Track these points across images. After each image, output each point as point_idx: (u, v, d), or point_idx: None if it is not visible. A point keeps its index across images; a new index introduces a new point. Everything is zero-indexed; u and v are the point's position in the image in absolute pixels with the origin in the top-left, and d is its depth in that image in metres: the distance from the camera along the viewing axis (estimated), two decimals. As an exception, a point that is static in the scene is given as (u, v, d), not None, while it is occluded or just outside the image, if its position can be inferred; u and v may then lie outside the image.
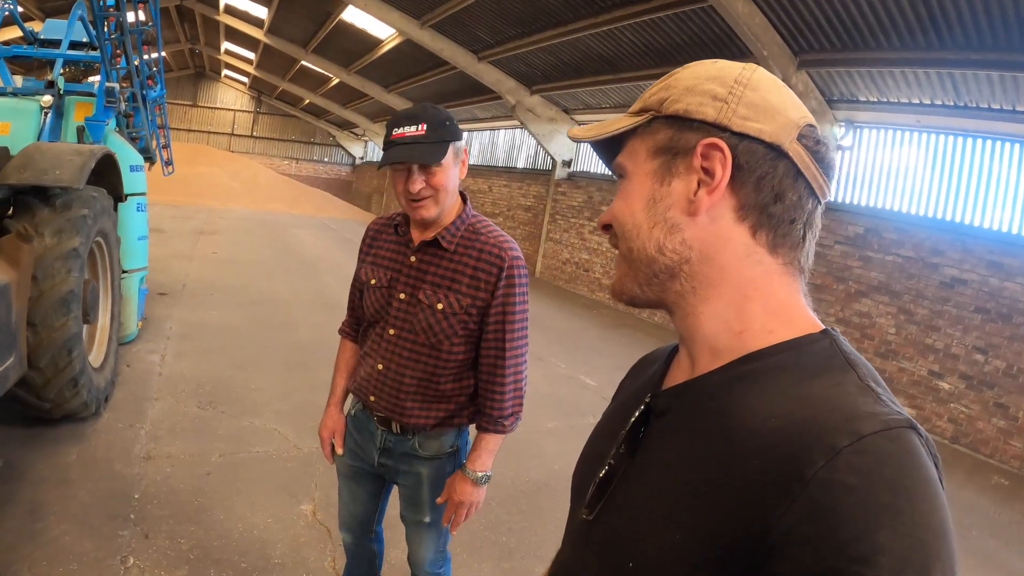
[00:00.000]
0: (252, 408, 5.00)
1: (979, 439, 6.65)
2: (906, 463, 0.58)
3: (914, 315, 7.38)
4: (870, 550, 0.53)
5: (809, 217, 0.76)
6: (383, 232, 2.11)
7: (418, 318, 1.96)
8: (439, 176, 1.84)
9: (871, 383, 0.66)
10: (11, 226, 3.68)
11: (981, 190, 7.24)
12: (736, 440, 0.66)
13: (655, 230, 0.78)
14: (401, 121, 1.83)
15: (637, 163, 0.81)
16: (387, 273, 2.03)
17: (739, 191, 0.74)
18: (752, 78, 0.76)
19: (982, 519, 5.01)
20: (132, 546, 3.08)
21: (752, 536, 0.59)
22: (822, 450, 0.58)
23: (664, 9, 8.34)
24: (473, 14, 11.73)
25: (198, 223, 16.20)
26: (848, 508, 0.55)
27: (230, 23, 21.02)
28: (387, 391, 2.02)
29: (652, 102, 0.80)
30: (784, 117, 0.74)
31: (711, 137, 0.74)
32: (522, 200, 16.56)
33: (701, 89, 0.76)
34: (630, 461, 0.80)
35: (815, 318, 0.76)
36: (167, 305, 7.67)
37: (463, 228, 1.96)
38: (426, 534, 2.21)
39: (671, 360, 0.89)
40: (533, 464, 4.70)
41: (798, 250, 0.76)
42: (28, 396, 3.74)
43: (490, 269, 1.92)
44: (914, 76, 7.07)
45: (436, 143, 1.81)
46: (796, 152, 0.74)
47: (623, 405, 0.93)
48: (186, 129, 32.54)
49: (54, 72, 6.09)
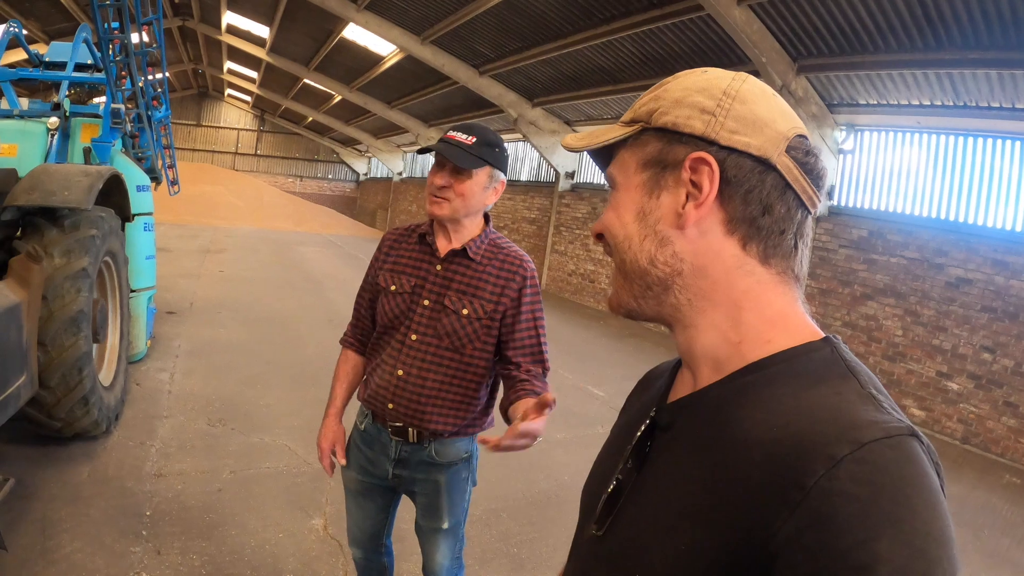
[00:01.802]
0: (262, 424, 5.02)
1: (990, 439, 6.61)
2: (907, 471, 0.58)
3: (920, 316, 7.37)
4: (870, 559, 0.53)
5: (799, 227, 0.76)
6: (402, 241, 2.20)
7: (442, 323, 2.04)
8: (465, 184, 1.98)
9: (872, 390, 0.66)
10: (20, 247, 3.71)
11: (984, 189, 7.24)
12: (739, 451, 0.66)
13: (646, 242, 0.78)
14: (459, 128, 2.01)
15: (627, 175, 0.81)
16: (410, 280, 2.10)
17: (727, 204, 0.74)
18: (741, 90, 0.76)
19: (994, 518, 4.98)
20: (144, 563, 3.10)
21: (755, 545, 0.60)
22: (822, 459, 0.58)
23: (662, 19, 8.39)
24: (473, 29, 11.82)
25: (204, 242, 16.28)
26: (848, 517, 0.55)
27: (232, 43, 21.20)
28: (408, 397, 2.06)
29: (642, 113, 0.80)
30: (772, 130, 0.74)
31: (699, 151, 0.74)
32: (526, 213, 16.60)
33: (689, 101, 0.76)
34: (637, 476, 0.80)
35: (814, 326, 0.76)
36: (175, 323, 7.71)
37: (487, 242, 2.11)
38: (443, 541, 2.23)
39: (675, 374, 0.89)
40: (542, 476, 4.70)
41: (791, 259, 0.77)
42: (39, 415, 3.76)
43: (512, 278, 2.07)
44: (913, 78, 7.10)
45: (476, 156, 1.97)
46: (784, 165, 0.74)
47: (630, 421, 0.93)
48: (190, 149, 32.80)
49: (60, 94, 6.16)
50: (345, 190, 35.82)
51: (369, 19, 12.98)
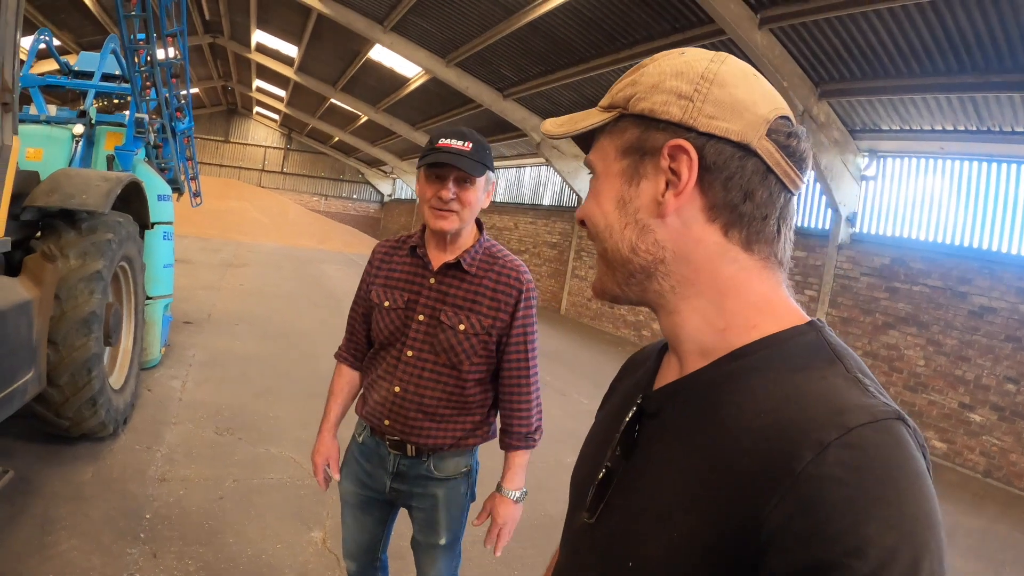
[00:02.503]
0: (270, 436, 5.01)
1: (1013, 472, 6.43)
2: (894, 455, 0.58)
3: (943, 346, 7.22)
4: (860, 542, 0.53)
5: (782, 211, 0.75)
6: (393, 254, 2.13)
7: (439, 339, 1.98)
8: (470, 193, 1.92)
9: (858, 374, 0.66)
10: (37, 246, 3.78)
11: (1008, 215, 7.13)
12: (727, 438, 0.66)
13: (627, 231, 0.77)
14: (448, 134, 1.92)
15: (607, 162, 0.80)
16: (403, 295, 2.04)
17: (707, 191, 0.73)
18: (719, 72, 0.73)
19: (1017, 554, 4.81)
20: (140, 564, 3.08)
21: (747, 532, 0.59)
22: (810, 445, 0.58)
23: (684, 44, 8.39)
24: (497, 52, 11.96)
25: (226, 255, 16.49)
26: (837, 501, 0.55)
27: (261, 61, 21.66)
28: (405, 413, 2.02)
29: (619, 99, 0.78)
30: (752, 114, 0.72)
31: (677, 138, 0.72)
32: (548, 237, 16.64)
33: (667, 87, 0.74)
34: (626, 463, 0.79)
35: (800, 310, 0.75)
36: (191, 333, 7.77)
37: (481, 252, 2.03)
38: (440, 557, 2.18)
39: (661, 358, 0.88)
40: (550, 498, 4.62)
41: (774, 244, 0.75)
42: (47, 413, 3.80)
43: (509, 291, 1.99)
44: (935, 102, 7.04)
45: (478, 162, 1.90)
46: (765, 149, 0.72)
47: (616, 406, 0.92)
48: (218, 164, 33.43)
49: (86, 102, 6.29)
50: (369, 210, 36.17)
51: (395, 40, 13.19)
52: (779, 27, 7.06)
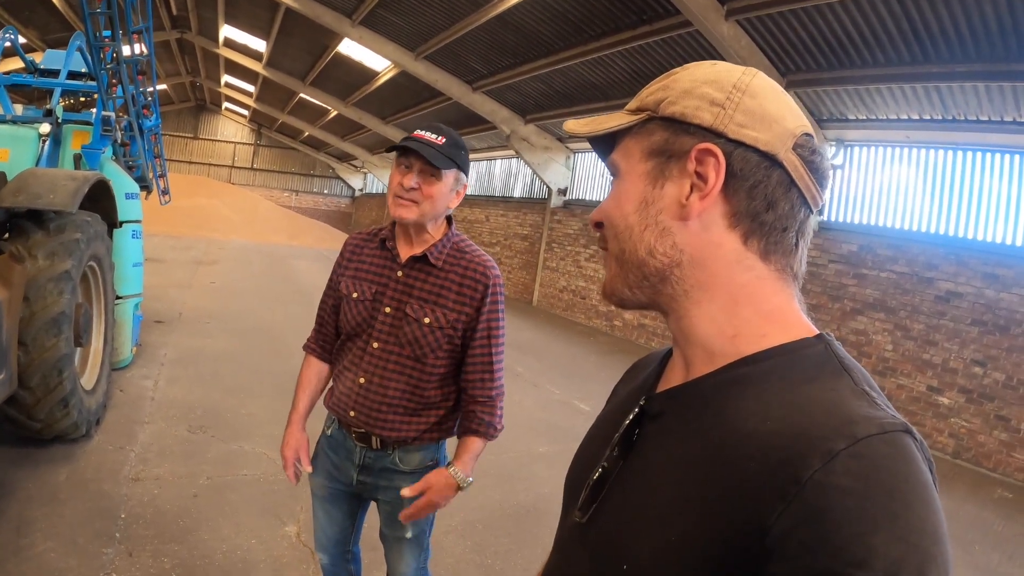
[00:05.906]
0: (243, 432, 4.97)
1: (981, 453, 6.60)
2: (901, 467, 0.58)
3: (910, 331, 7.38)
4: (865, 553, 0.53)
5: (801, 226, 0.76)
6: (364, 247, 2.14)
7: (404, 331, 1.99)
8: (434, 187, 1.93)
9: (866, 387, 0.67)
10: (4, 247, 3.72)
11: (973, 202, 7.29)
12: (732, 443, 0.66)
13: (646, 232, 0.77)
14: (425, 127, 1.96)
15: (631, 163, 0.80)
16: (371, 287, 2.05)
17: (732, 198, 0.74)
18: (751, 84, 0.75)
19: (985, 534, 4.95)
20: (116, 564, 3.06)
21: (749, 538, 0.60)
22: (818, 453, 0.58)
23: (651, 35, 8.48)
24: (466, 45, 11.92)
25: (197, 253, 16.26)
26: (844, 511, 0.55)
27: (230, 56, 21.32)
28: (369, 404, 2.02)
29: (649, 102, 0.79)
30: (780, 126, 0.73)
31: (706, 142, 0.73)
32: (519, 229, 16.64)
33: (699, 92, 0.75)
34: (624, 464, 0.80)
35: (810, 323, 0.76)
36: (163, 332, 7.67)
37: (449, 246, 2.04)
38: (407, 550, 2.19)
39: (666, 363, 0.89)
40: (522, 487, 4.66)
41: (791, 257, 0.76)
42: (19, 415, 3.75)
43: (475, 286, 2.00)
44: (901, 92, 7.16)
45: (447, 157, 1.91)
46: (791, 162, 0.73)
47: (617, 408, 0.92)
48: (187, 161, 32.88)
49: (53, 101, 6.17)
50: (340, 205, 35.88)
51: (363, 34, 13.09)
52: (745, 18, 7.11)
